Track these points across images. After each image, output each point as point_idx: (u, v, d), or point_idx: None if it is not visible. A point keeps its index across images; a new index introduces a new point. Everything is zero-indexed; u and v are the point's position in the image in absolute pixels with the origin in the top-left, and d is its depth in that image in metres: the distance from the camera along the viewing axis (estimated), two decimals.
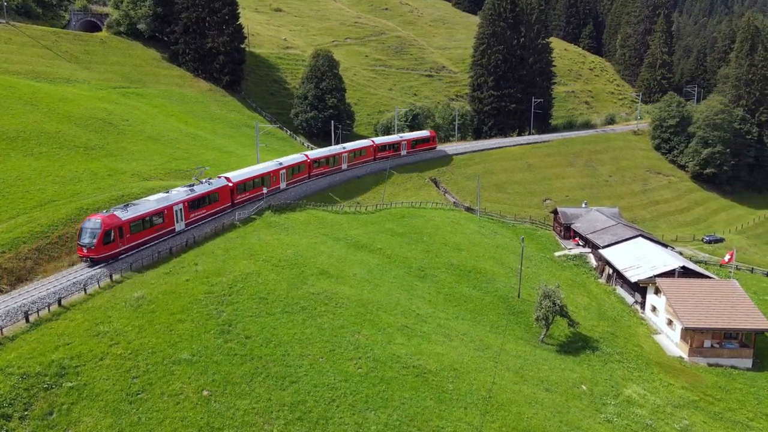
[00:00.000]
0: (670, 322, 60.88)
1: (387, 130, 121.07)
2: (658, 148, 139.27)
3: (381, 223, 77.64)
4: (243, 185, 68.50)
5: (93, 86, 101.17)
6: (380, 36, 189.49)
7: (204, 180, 63.35)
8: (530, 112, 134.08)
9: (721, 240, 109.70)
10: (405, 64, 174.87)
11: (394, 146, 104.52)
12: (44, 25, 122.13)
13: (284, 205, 71.56)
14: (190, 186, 60.76)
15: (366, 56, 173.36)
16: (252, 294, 44.38)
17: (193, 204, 59.21)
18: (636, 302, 69.06)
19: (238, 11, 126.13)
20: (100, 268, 47.02)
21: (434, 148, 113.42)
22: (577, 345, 55.86)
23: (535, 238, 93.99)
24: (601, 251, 78.63)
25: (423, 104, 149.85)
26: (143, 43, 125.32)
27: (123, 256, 49.54)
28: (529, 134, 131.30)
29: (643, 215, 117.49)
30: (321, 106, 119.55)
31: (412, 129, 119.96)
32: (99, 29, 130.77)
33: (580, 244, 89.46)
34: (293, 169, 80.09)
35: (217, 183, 64.03)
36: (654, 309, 64.81)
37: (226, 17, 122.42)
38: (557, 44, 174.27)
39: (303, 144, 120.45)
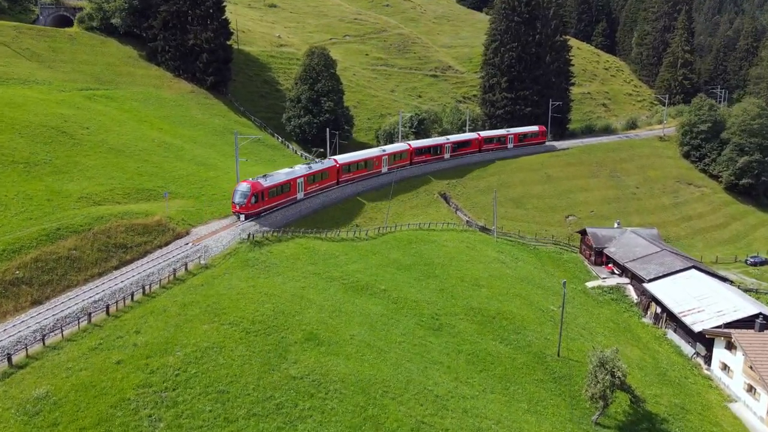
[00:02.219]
0: (750, 389, 48.26)
1: (389, 137, 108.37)
2: (687, 155, 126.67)
3: (384, 253, 65.02)
4: (348, 166, 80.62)
5: (54, 88, 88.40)
6: (381, 33, 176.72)
7: (318, 160, 77.84)
8: (547, 117, 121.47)
9: (767, 262, 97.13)
10: (408, 64, 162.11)
11: (500, 139, 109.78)
12: (9, 21, 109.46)
13: (268, 234, 58.85)
14: (308, 164, 74.81)
15: (366, 55, 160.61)
16: (207, 385, 31.79)
17: (310, 179, 72.36)
18: (698, 354, 56.40)
19: (224, 4, 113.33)
20: (250, 221, 60.59)
21: (543, 142, 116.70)
22: (641, 427, 43.18)
23: (560, 263, 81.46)
24: (647, 286, 66.00)
25: (429, 107, 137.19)
26: (118, 39, 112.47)
27: (263, 214, 63.34)
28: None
29: (677, 233, 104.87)
30: (316, 110, 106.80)
31: (417, 135, 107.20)
32: (72, 24, 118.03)
33: (616, 272, 76.84)
34: (395, 156, 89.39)
35: (327, 163, 77.42)
36: (726, 368, 52.15)
37: (210, 11, 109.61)
38: (570, 42, 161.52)
39: (296, 152, 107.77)
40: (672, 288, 63.15)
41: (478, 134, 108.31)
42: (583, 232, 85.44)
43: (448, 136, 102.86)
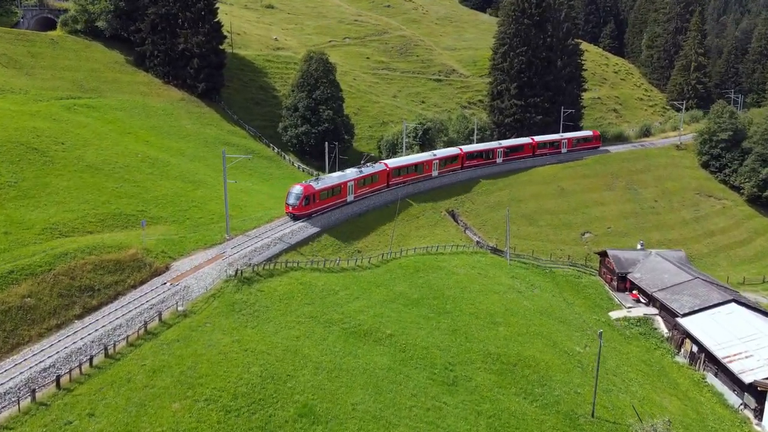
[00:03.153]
0: None
1: (392, 147, 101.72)
2: (706, 165, 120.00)
3: (389, 285, 58.38)
4: (398, 170, 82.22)
5: (30, 98, 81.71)
6: (382, 35, 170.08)
7: (368, 164, 79.09)
8: (558, 125, 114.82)
9: None
10: (410, 67, 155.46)
11: (554, 144, 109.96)
12: None
13: (258, 269, 52.15)
14: (359, 168, 76.85)
15: (367, 58, 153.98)
16: None
17: (360, 182, 74.77)
18: (746, 406, 49.78)
19: (216, 6, 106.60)
20: (300, 222, 63.96)
21: (598, 147, 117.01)
22: None
23: (579, 288, 74.85)
24: (682, 322, 59.40)
25: (434, 115, 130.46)
26: (104, 43, 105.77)
27: (315, 215, 66.40)
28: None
29: (699, 250, 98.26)
30: (314, 119, 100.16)
31: (422, 146, 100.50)
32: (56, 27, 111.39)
33: (642, 300, 70.22)
34: (446, 160, 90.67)
35: (377, 167, 79.78)
36: None
37: (202, 13, 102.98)
38: (581, 46, 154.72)
39: (293, 164, 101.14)
40: (711, 325, 56.55)
41: (532, 139, 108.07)
42: (604, 254, 78.79)
43: (501, 141, 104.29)
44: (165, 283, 46.33)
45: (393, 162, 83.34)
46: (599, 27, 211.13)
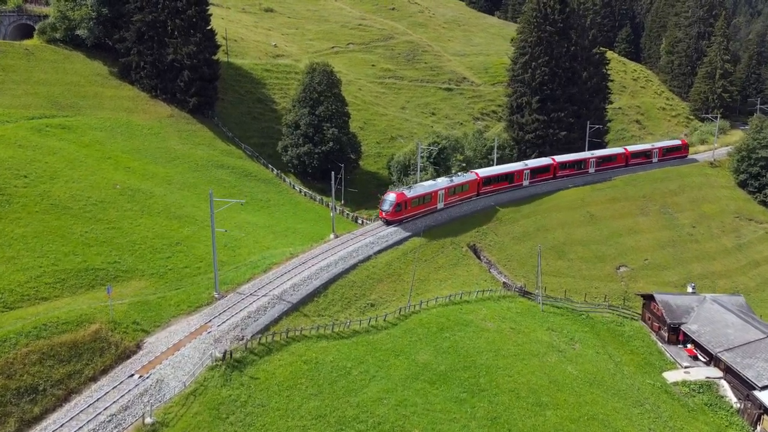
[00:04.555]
0: None
1: (404, 169, 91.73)
2: (743, 185, 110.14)
3: (410, 353, 48.66)
4: (488, 180, 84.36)
5: None
6: (388, 41, 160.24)
7: (460, 173, 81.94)
8: (584, 141, 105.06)
9: None
10: (419, 75, 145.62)
11: (647, 154, 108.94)
12: None
13: (253, 343, 42.29)
14: (450, 177, 79.13)
15: (372, 66, 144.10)
16: None
17: (451, 190, 76.92)
18: None
19: (209, 13, 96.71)
20: (393, 227, 69.12)
21: (686, 156, 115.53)
22: None
23: (624, 341, 65.13)
24: (760, 396, 49.54)
25: (445, 128, 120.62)
26: (86, 53, 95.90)
27: (406, 221, 70.65)
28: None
29: (746, 284, 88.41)
30: (317, 137, 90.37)
31: (436, 167, 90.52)
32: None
33: (701, 359, 60.40)
34: (537, 170, 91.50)
35: (468, 176, 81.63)
36: None
37: (193, 20, 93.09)
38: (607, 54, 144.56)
39: (293, 187, 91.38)
40: None
41: (625, 149, 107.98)
42: (649, 298, 68.98)
43: (593, 151, 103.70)
44: (133, 375, 36.49)
45: (484, 171, 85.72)
46: (614, 31, 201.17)
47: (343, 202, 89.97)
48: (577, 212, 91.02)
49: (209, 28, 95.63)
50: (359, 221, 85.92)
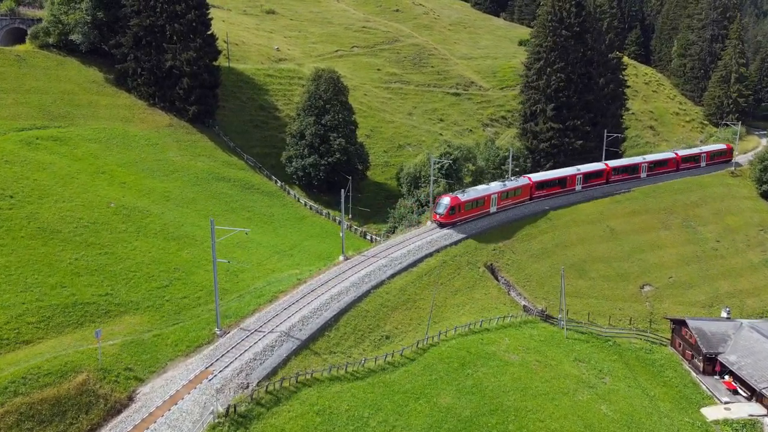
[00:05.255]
0: None
1: (415, 181, 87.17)
2: (766, 195, 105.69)
3: (431, 394, 44.24)
4: (541, 184, 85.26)
5: None
6: (394, 44, 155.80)
7: (513, 178, 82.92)
8: (601, 151, 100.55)
9: None
10: (425, 80, 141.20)
11: (695, 158, 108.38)
12: None
13: (260, 392, 37.82)
14: (503, 181, 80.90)
15: (378, 70, 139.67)
16: None
17: (503, 195, 79.05)
18: None
19: (210, 17, 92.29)
20: (446, 229, 70.82)
21: (730, 161, 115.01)
22: None
23: (655, 370, 60.88)
24: None
25: (453, 135, 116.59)
26: (80, 59, 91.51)
27: (459, 224, 72.82)
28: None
29: None
30: (323, 148, 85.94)
31: (447, 179, 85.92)
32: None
33: (742, 393, 55.96)
34: (590, 175, 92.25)
35: (521, 181, 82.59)
36: None
37: (193, 24, 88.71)
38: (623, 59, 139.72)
39: (298, 200, 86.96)
40: None
41: (676, 153, 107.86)
42: (680, 323, 64.64)
43: (645, 156, 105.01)
44: None
45: (537, 176, 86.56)
46: (624, 33, 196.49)
47: (350, 216, 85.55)
48: (596, 227, 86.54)
49: (210, 32, 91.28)
50: (368, 237, 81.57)
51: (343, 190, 65.84)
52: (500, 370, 50.30)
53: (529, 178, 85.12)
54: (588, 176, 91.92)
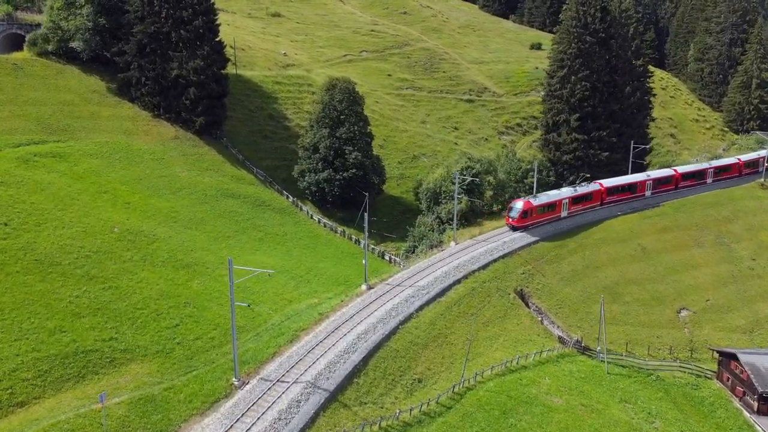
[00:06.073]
0: None
1: (435, 197, 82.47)
2: None
3: None
4: (612, 190, 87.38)
5: None
6: (404, 48, 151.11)
7: (583, 183, 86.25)
8: (627, 163, 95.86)
9: None
10: (437, 85, 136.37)
11: (755, 163, 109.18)
12: None
13: None
14: (574, 187, 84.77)
15: (389, 75, 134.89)
16: None
17: (574, 200, 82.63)
18: None
19: (218, 23, 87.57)
20: (519, 233, 74.57)
21: None
22: None
23: (705, 409, 56.60)
24: None
25: (473, 147, 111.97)
26: (81, 67, 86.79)
27: (531, 227, 76.01)
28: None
29: None
30: (338, 162, 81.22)
31: (469, 194, 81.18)
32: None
33: None
34: (660, 181, 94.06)
35: (592, 187, 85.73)
36: None
37: (200, 31, 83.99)
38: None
39: (312, 217, 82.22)
40: None
41: (738, 159, 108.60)
42: (728, 356, 59.96)
43: (711, 161, 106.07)
44: None
45: (608, 182, 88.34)
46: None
47: (367, 234, 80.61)
48: (627, 245, 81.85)
49: (218, 39, 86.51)
50: (387, 257, 76.88)
51: (366, 214, 61.03)
52: (545, 419, 45.64)
53: (601, 184, 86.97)
54: (657, 182, 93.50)
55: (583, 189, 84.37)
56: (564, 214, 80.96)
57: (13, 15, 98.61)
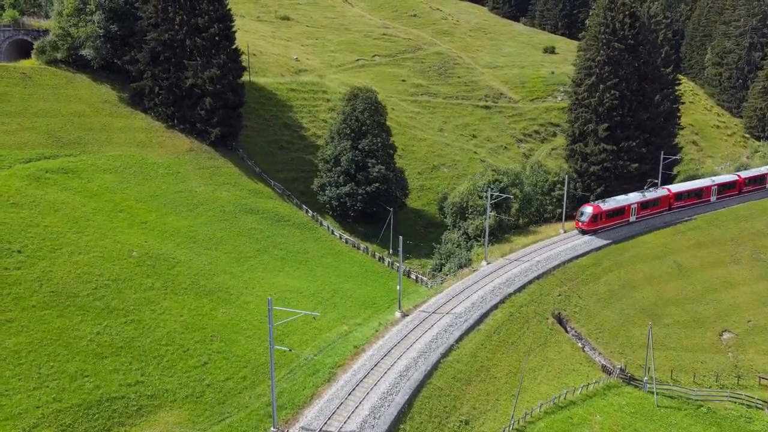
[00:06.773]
0: None
1: (462, 212, 79.01)
2: None
3: None
4: (680, 195, 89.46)
5: None
6: (416, 52, 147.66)
7: (652, 189, 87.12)
8: (656, 174, 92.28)
9: None
10: (453, 91, 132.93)
11: None
12: None
13: None
14: (642, 192, 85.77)
15: (403, 81, 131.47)
16: None
17: (642, 205, 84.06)
18: None
19: (234, 29, 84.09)
20: (588, 236, 76.88)
21: None
22: None
23: None
24: None
25: (488, 153, 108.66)
26: (91, 76, 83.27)
27: (600, 231, 78.26)
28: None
29: None
30: (361, 176, 77.75)
31: (497, 209, 77.82)
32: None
33: None
34: (724, 186, 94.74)
35: (660, 192, 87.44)
36: None
37: (216, 38, 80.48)
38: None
39: (333, 233, 78.70)
40: None
41: None
42: None
43: None
44: None
45: (675, 187, 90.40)
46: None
47: (390, 252, 77.37)
48: (662, 262, 78.37)
49: (234, 47, 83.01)
50: (413, 276, 73.48)
51: (401, 238, 57.28)
52: None
53: (669, 189, 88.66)
54: (722, 187, 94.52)
55: (651, 194, 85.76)
56: (633, 218, 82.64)
57: (19, 20, 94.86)
